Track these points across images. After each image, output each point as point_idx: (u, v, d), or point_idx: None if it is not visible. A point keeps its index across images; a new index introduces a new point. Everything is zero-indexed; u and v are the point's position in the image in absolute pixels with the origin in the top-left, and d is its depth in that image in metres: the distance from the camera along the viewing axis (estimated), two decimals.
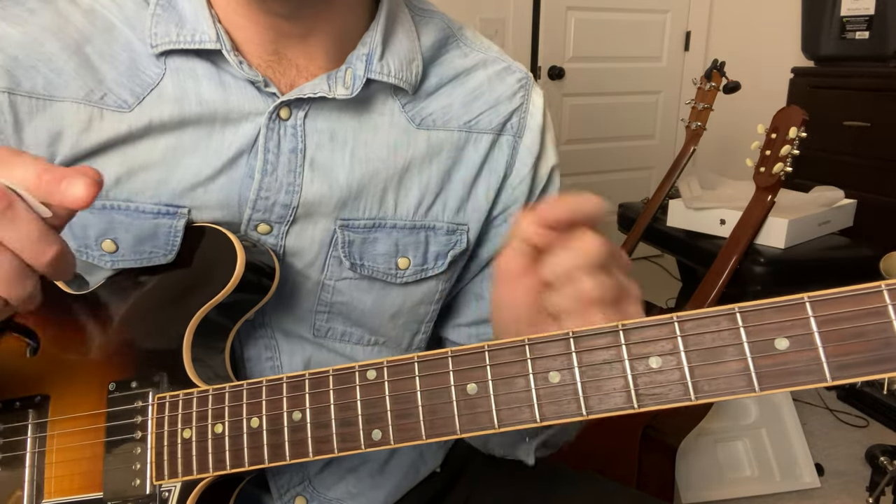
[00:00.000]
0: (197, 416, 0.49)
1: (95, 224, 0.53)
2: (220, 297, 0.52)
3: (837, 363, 0.35)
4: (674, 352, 0.38)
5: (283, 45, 0.54)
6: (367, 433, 0.44)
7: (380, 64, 0.55)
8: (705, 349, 0.37)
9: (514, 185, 0.63)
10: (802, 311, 0.36)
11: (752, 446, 1.74)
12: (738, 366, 0.37)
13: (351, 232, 0.57)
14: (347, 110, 0.56)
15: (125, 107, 0.52)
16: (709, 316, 0.37)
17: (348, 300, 0.59)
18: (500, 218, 0.63)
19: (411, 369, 0.43)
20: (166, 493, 0.49)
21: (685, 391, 0.37)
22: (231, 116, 0.53)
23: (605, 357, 0.39)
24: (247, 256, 0.52)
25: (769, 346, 0.36)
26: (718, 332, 0.37)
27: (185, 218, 0.53)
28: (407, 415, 0.43)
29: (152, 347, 0.53)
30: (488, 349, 0.42)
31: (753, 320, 0.37)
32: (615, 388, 0.39)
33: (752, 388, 0.36)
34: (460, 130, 0.60)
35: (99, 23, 0.53)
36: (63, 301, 0.56)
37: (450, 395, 0.42)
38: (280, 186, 0.55)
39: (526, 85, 0.64)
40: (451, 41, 0.63)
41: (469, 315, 0.67)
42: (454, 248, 0.61)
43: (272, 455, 0.46)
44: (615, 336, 0.39)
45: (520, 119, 0.63)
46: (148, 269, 0.54)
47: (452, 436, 0.42)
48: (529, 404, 0.40)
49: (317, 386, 0.46)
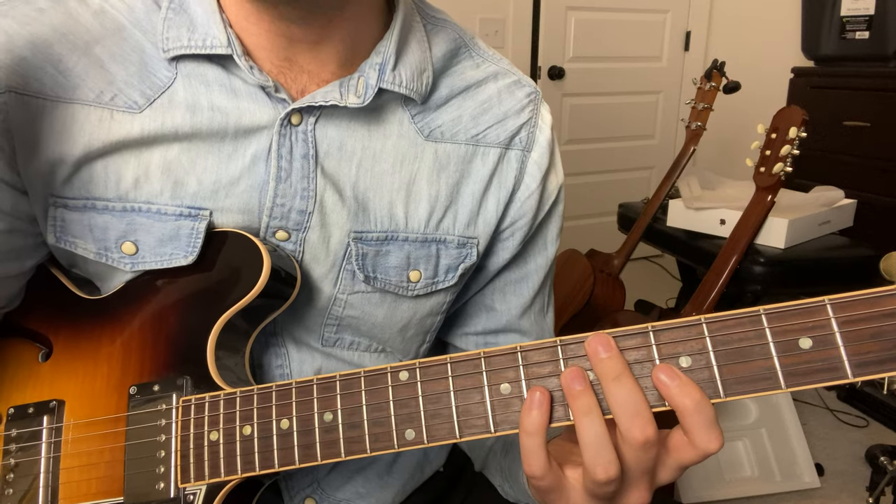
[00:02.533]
0: (224, 419, 0.49)
1: (116, 226, 0.53)
2: (247, 301, 0.52)
3: (858, 361, 0.37)
4: (702, 351, 0.40)
5: (295, 51, 0.54)
6: (401, 433, 0.45)
7: (392, 74, 0.55)
8: (733, 349, 0.39)
9: (523, 199, 0.62)
10: (824, 313, 0.38)
11: (752, 446, 1.75)
12: (764, 364, 0.39)
13: (364, 245, 0.57)
14: (358, 119, 0.56)
15: (135, 108, 0.52)
16: (734, 318, 0.39)
17: (359, 314, 0.59)
18: (507, 231, 0.63)
19: (444, 370, 0.44)
20: (191, 497, 0.49)
21: (714, 389, 0.39)
22: (243, 123, 0.53)
23: (637, 357, 0.41)
24: (273, 261, 0.52)
25: (794, 345, 0.38)
26: (745, 333, 0.39)
27: (207, 220, 0.53)
28: (439, 414, 0.44)
29: (174, 350, 0.52)
30: (520, 350, 0.43)
31: (777, 321, 0.39)
32: (647, 387, 0.40)
33: (777, 385, 0.38)
34: (468, 144, 0.60)
35: (109, 24, 0.53)
36: (77, 306, 0.56)
37: (483, 394, 0.43)
38: (295, 193, 0.54)
39: (535, 100, 0.64)
40: (462, 52, 0.62)
41: (479, 325, 0.68)
42: (465, 262, 0.61)
43: (303, 456, 0.47)
44: (645, 337, 0.41)
45: (529, 133, 0.62)
46: (168, 273, 0.54)
47: (486, 434, 0.43)
48: (563, 403, 0.42)
49: (348, 387, 0.46)
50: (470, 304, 0.68)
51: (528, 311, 0.68)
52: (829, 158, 2.29)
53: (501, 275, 0.66)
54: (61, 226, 0.53)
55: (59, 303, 0.57)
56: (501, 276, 0.66)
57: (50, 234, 0.53)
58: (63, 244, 0.54)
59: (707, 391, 0.39)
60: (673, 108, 3.17)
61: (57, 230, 0.53)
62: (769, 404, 1.79)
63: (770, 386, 0.38)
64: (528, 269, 0.66)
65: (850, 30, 2.34)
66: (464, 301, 0.68)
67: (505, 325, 0.67)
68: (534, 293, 0.67)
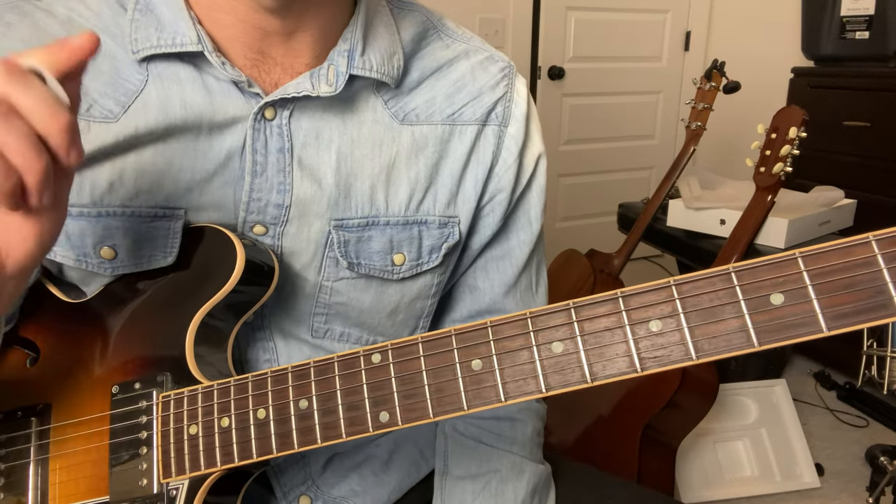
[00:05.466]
0: (203, 412, 0.49)
1: (92, 231, 0.53)
2: (222, 296, 0.52)
3: (832, 313, 0.36)
4: (673, 314, 0.39)
5: (268, 43, 0.54)
6: (375, 416, 0.45)
7: (361, 59, 0.55)
8: (703, 309, 0.38)
9: (500, 174, 0.62)
10: (795, 266, 0.37)
11: (752, 446, 1.74)
12: (736, 323, 0.38)
13: (345, 232, 0.57)
14: (332, 108, 0.56)
15: (111, 117, 0.52)
16: (704, 277, 0.38)
17: (346, 300, 0.59)
18: (487, 207, 0.63)
19: (415, 350, 0.44)
20: (174, 492, 0.49)
21: (686, 351, 0.39)
22: (216, 120, 0.53)
23: (607, 324, 0.40)
24: (247, 254, 0.52)
25: (765, 302, 0.37)
26: (715, 293, 0.38)
27: (182, 219, 0.53)
28: (413, 395, 0.44)
29: (155, 348, 0.53)
30: (491, 325, 0.43)
31: (748, 278, 0.38)
32: (618, 354, 0.40)
33: (751, 344, 0.37)
34: (444, 124, 0.60)
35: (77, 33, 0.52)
36: (62, 309, 0.56)
37: (455, 372, 0.43)
38: (271, 187, 0.54)
39: (509, 74, 0.64)
40: (431, 33, 0.63)
41: (464, 308, 0.68)
42: (447, 241, 0.61)
43: (280, 444, 0.47)
44: (615, 303, 0.40)
45: (504, 108, 0.62)
46: (147, 272, 0.54)
47: (460, 412, 0.43)
48: (534, 375, 0.41)
49: (322, 373, 0.46)
50: (455, 287, 0.68)
51: (513, 290, 0.67)
52: (829, 158, 2.28)
53: (484, 252, 0.66)
54: None
55: (46, 309, 0.57)
56: (484, 254, 0.66)
57: None
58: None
59: (679, 354, 0.39)
60: (673, 108, 3.16)
61: None
62: (769, 404, 1.79)
63: (743, 345, 0.37)
64: (511, 245, 0.66)
65: (850, 30, 2.34)
66: (451, 284, 0.67)
67: (489, 304, 0.67)
68: (518, 270, 0.67)
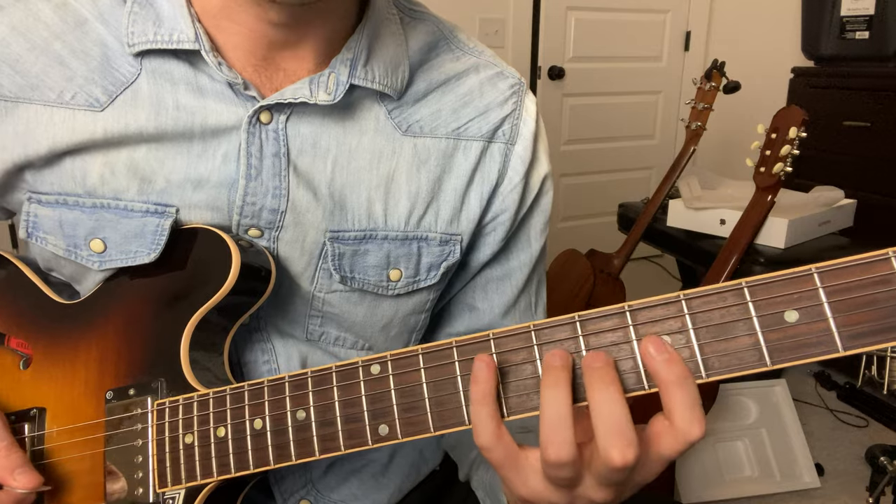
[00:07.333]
0: (198, 421, 0.48)
1: (85, 223, 0.52)
2: (217, 300, 0.51)
3: (849, 332, 0.34)
4: (682, 330, 0.37)
5: (273, 51, 0.53)
6: (374, 429, 0.43)
7: (364, 70, 0.54)
8: (714, 325, 0.37)
9: (505, 193, 0.61)
10: (811, 283, 0.35)
11: (752, 446, 1.74)
12: (748, 341, 0.36)
13: (341, 244, 0.56)
14: (331, 116, 0.55)
15: (97, 105, 0.51)
16: (716, 292, 0.37)
17: (339, 312, 0.58)
18: (489, 226, 0.62)
19: (416, 361, 0.42)
20: (170, 501, 0.49)
21: (695, 369, 0.37)
22: (209, 123, 0.52)
23: (613, 339, 0.38)
24: (242, 257, 0.51)
25: (779, 319, 0.36)
26: (727, 308, 0.36)
27: (173, 217, 0.52)
28: (414, 408, 0.42)
29: (149, 353, 0.52)
30: (493, 337, 0.41)
31: (762, 294, 0.36)
32: (624, 370, 0.38)
33: (763, 362, 0.36)
34: (448, 138, 0.59)
35: (70, 18, 0.52)
36: (55, 311, 0.55)
37: (456, 385, 0.41)
38: (266, 191, 0.53)
39: (519, 91, 0.62)
40: (441, 45, 0.61)
41: (461, 325, 0.66)
42: (447, 259, 0.60)
43: (277, 456, 0.46)
44: (622, 317, 0.38)
45: (512, 126, 0.61)
46: (141, 274, 0.53)
47: (462, 427, 0.41)
48: (538, 391, 0.39)
49: (320, 384, 0.45)
50: (453, 302, 0.67)
51: (513, 311, 0.66)
52: (829, 158, 2.29)
53: (483, 272, 0.65)
54: (34, 221, 0.53)
55: (38, 309, 0.56)
56: (483, 274, 0.65)
57: (22, 230, 0.53)
58: (34, 239, 0.53)
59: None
60: (673, 108, 3.16)
61: (29, 225, 0.53)
62: (769, 404, 1.78)
63: (755, 363, 0.36)
64: (511, 267, 0.65)
65: (850, 30, 2.34)
66: (447, 299, 0.66)
67: (487, 324, 0.66)
68: (518, 291, 0.66)
